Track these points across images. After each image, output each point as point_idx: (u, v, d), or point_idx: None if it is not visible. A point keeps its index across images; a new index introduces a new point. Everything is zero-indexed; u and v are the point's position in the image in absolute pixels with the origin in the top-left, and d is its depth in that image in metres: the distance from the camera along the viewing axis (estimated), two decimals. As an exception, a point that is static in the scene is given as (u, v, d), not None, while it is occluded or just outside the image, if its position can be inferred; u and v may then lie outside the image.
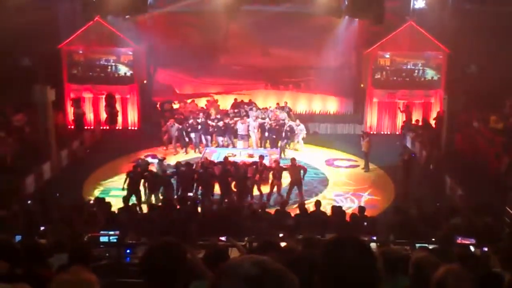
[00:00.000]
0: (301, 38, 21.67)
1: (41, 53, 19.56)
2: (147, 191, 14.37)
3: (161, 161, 15.51)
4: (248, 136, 19.37)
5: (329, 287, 2.00)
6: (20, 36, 18.47)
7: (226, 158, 15.64)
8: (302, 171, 14.74)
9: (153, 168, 15.21)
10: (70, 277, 2.59)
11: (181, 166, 14.79)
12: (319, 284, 2.04)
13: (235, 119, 19.74)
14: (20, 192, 14.12)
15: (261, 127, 19.55)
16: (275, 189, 14.90)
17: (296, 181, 14.62)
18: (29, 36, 18.73)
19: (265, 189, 15.10)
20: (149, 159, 16.28)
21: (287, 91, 23.77)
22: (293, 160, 15.27)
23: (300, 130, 19.59)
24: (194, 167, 15.11)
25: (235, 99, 22.84)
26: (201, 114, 20.42)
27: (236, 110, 21.39)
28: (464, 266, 4.87)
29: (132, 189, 13.93)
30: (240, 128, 19.24)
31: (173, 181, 14.63)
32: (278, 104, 22.09)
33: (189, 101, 23.06)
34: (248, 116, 20.23)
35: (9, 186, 14.09)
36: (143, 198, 14.12)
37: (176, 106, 22.99)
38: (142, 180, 14.30)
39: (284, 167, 15.09)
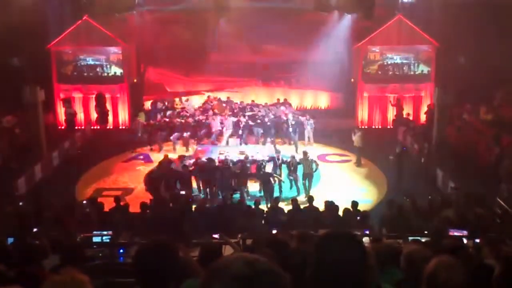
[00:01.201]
0: (291, 34, 21.67)
1: (30, 53, 19.43)
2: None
3: (182, 157, 15.47)
4: (222, 132, 19.42)
5: (321, 281, 2.02)
6: (9, 36, 18.31)
7: (246, 156, 15.77)
8: (314, 165, 15.07)
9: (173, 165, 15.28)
10: (62, 278, 2.58)
11: (201, 163, 14.95)
12: (311, 278, 2.05)
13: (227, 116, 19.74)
14: (12, 194, 14.02)
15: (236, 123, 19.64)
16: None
17: (308, 174, 15.00)
18: (18, 36, 18.59)
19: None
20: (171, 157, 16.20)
21: (279, 87, 23.78)
22: (305, 153, 15.42)
23: (311, 124, 19.77)
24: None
25: (209, 97, 22.82)
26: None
27: (241, 107, 21.41)
28: (456, 258, 4.90)
29: (153, 189, 13.96)
30: (214, 125, 19.29)
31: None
32: (278, 100, 22.14)
33: (184, 99, 23.03)
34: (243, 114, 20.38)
35: (1, 187, 14.00)
36: None
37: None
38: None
39: (298, 160, 15.27)
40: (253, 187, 15.22)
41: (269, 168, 15.29)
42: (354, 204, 11.62)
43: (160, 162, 15.49)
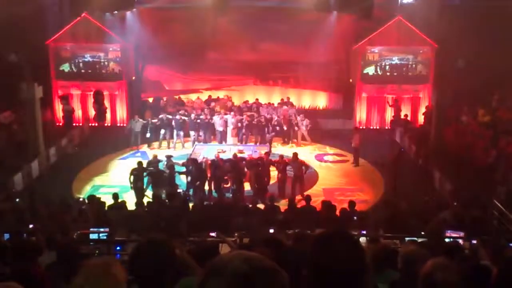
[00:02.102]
0: (290, 33, 21.66)
1: (28, 49, 19.36)
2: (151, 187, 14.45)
3: (169, 157, 15.46)
4: (225, 132, 19.42)
5: (318, 281, 2.02)
6: (6, 32, 18.27)
7: (235, 155, 15.74)
8: (304, 167, 14.96)
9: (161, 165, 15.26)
10: (97, 272, 2.43)
11: (192, 163, 14.91)
12: (308, 278, 2.06)
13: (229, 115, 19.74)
14: (9, 190, 13.99)
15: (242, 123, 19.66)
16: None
17: (299, 175, 14.83)
18: (15, 32, 18.55)
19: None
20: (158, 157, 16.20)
21: (276, 87, 23.78)
22: (295, 155, 15.34)
23: (306, 125, 19.86)
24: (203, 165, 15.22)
25: (209, 96, 22.86)
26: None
27: (248, 106, 21.39)
28: (453, 259, 4.91)
29: (135, 186, 14.06)
30: (217, 123, 19.30)
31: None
32: (282, 99, 22.11)
33: (194, 97, 23.06)
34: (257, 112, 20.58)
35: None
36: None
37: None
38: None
39: (287, 161, 15.23)
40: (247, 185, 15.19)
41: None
42: (351, 204, 11.64)
43: (148, 162, 15.45)
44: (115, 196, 12.26)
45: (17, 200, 12.45)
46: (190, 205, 12.43)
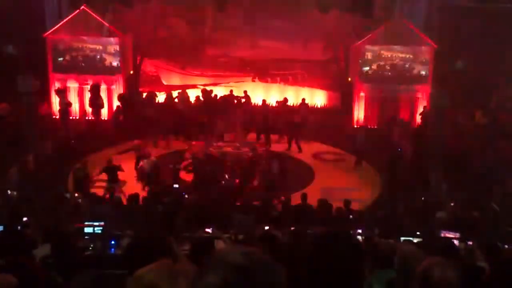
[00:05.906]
0: (290, 30, 21.60)
1: (25, 41, 19.27)
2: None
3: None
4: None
5: (318, 279, 2.01)
6: (4, 24, 18.18)
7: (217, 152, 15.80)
8: None
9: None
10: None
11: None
12: (308, 276, 2.05)
13: None
14: (3, 183, 13.94)
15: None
16: None
17: None
18: (13, 24, 18.44)
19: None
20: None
21: (275, 84, 23.73)
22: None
23: None
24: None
25: (231, 91, 22.56)
26: None
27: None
28: (448, 259, 4.91)
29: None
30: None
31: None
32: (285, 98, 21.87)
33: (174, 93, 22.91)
34: None
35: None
36: None
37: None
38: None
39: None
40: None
41: None
42: (347, 203, 11.63)
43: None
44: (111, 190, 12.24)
45: (13, 192, 12.41)
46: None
